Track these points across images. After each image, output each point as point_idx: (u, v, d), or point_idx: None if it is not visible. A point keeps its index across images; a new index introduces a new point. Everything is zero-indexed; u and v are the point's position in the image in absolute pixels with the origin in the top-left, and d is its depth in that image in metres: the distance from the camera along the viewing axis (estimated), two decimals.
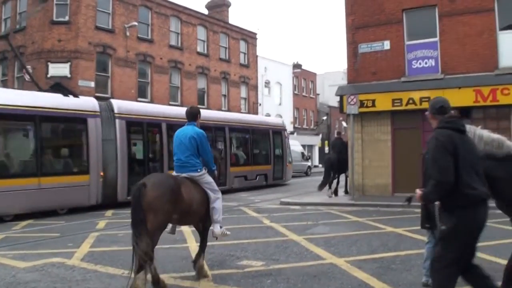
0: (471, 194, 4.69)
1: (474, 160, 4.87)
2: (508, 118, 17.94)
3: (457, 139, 4.81)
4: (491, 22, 18.53)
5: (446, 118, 5.01)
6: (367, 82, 20.55)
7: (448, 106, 5.17)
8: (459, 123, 4.95)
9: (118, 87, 30.02)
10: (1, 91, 19.76)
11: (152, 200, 6.51)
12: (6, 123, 16.76)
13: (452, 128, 4.88)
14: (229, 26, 42.30)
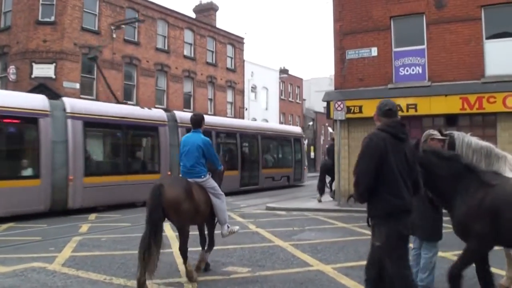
0: (395, 203, 4.67)
1: (406, 170, 4.82)
2: (494, 126, 18.01)
3: (391, 145, 4.75)
4: (478, 30, 18.63)
5: (389, 122, 4.95)
6: (354, 88, 20.55)
7: (395, 111, 5.13)
8: (400, 130, 4.91)
9: (104, 89, 29.66)
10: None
11: (172, 198, 7.28)
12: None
13: (391, 133, 4.81)
14: (217, 30, 42.22)
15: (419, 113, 19.06)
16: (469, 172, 5.55)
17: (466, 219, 5.38)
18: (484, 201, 5.32)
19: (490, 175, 5.61)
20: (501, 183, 5.48)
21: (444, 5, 19.14)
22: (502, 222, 5.22)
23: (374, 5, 20.47)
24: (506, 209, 5.23)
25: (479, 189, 5.41)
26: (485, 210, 5.29)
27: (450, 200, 5.53)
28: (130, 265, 8.82)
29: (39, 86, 26.03)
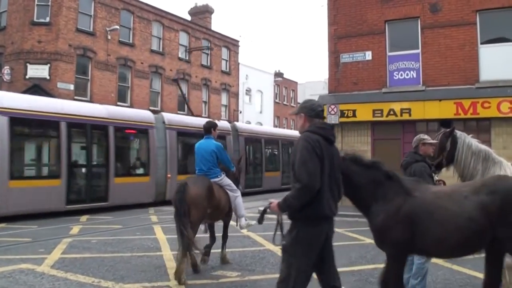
0: (319, 207, 4.60)
1: (336, 174, 4.82)
2: (488, 131, 18.02)
3: (324, 147, 4.67)
4: (472, 35, 18.65)
5: (321, 124, 4.87)
6: (348, 92, 20.54)
7: (323, 112, 5.03)
8: (330, 132, 4.86)
9: (98, 91, 29.70)
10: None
11: (195, 196, 8.09)
12: None
13: (323, 135, 4.73)
14: (212, 32, 42.16)
15: (413, 118, 19.06)
16: (389, 179, 5.48)
17: (384, 226, 5.32)
18: (403, 209, 5.27)
19: (410, 182, 5.58)
20: (421, 191, 5.45)
21: (439, 9, 19.15)
22: (419, 230, 5.20)
23: (369, 9, 20.47)
24: (424, 218, 5.21)
25: (398, 196, 5.36)
26: (403, 218, 5.24)
27: (369, 207, 5.45)
28: (119, 267, 8.76)
29: (33, 86, 25.94)
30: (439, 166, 7.16)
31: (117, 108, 24.35)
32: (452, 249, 5.34)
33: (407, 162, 6.69)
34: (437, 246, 5.28)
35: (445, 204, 5.24)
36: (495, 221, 5.00)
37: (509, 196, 5.05)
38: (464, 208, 5.13)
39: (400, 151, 19.23)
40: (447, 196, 5.35)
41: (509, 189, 5.14)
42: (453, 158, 6.99)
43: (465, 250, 5.41)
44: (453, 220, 5.12)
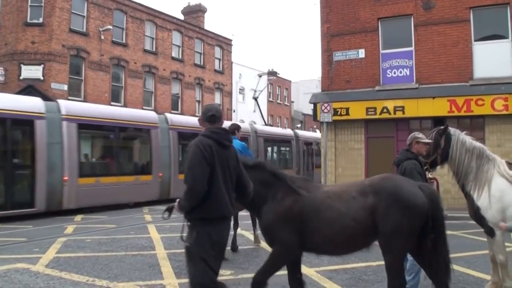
0: (215, 209, 4.66)
1: (231, 176, 4.84)
2: (482, 128, 18.06)
3: (217, 151, 4.72)
4: (466, 32, 18.66)
5: (214, 128, 4.89)
6: (341, 90, 20.56)
7: (219, 116, 5.01)
8: (224, 137, 4.86)
9: (92, 91, 29.64)
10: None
11: None
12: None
13: (216, 140, 4.78)
14: (205, 32, 42.12)
15: (406, 116, 19.09)
16: (277, 179, 5.56)
17: (273, 226, 5.38)
18: (292, 208, 5.34)
19: (299, 181, 5.63)
20: (311, 190, 5.53)
21: (432, 6, 19.17)
22: (307, 230, 5.28)
23: (361, 7, 20.49)
24: (312, 217, 5.29)
25: (287, 196, 5.43)
26: (292, 217, 5.32)
27: (259, 208, 5.51)
28: (113, 266, 8.75)
29: (27, 87, 25.89)
30: (434, 164, 7.17)
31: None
32: (339, 247, 5.49)
33: (399, 160, 6.72)
34: (326, 245, 5.40)
35: (333, 203, 5.35)
36: (378, 220, 5.15)
37: (392, 195, 5.19)
38: (351, 208, 5.25)
39: (394, 149, 19.24)
40: (337, 196, 5.45)
41: (393, 189, 5.28)
42: (448, 156, 6.99)
43: (351, 248, 5.57)
44: (339, 220, 5.25)
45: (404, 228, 5.14)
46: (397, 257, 5.28)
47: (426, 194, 5.35)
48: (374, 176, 5.69)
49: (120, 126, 20.92)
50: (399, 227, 5.12)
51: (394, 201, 5.17)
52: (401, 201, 5.18)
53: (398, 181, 5.56)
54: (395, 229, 5.13)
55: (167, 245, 10.94)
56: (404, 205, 5.17)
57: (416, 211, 5.19)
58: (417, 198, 5.25)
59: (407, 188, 5.36)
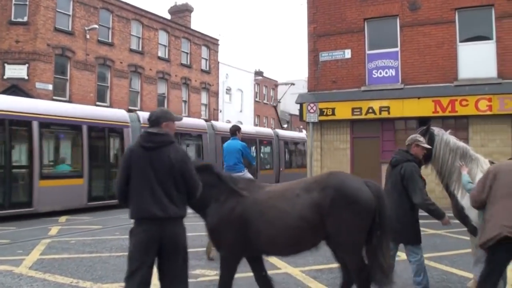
0: (138, 210, 4.76)
1: (157, 178, 4.80)
2: (466, 129, 18.21)
3: (138, 154, 4.79)
4: (451, 33, 18.81)
5: (144, 132, 4.95)
6: (327, 91, 20.61)
7: (154, 119, 5.04)
8: (146, 139, 4.88)
9: (77, 91, 29.45)
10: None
11: None
12: None
13: (139, 143, 4.85)
14: (191, 31, 42.02)
15: (392, 116, 19.18)
16: (221, 181, 5.59)
17: (218, 228, 5.43)
18: (235, 210, 5.37)
19: (242, 183, 5.67)
20: (254, 191, 5.56)
21: (418, 7, 19.28)
22: (251, 231, 5.30)
23: (348, 7, 20.55)
24: (256, 217, 5.31)
25: (230, 198, 5.46)
26: (235, 219, 5.34)
27: (204, 210, 5.57)
28: (98, 268, 8.71)
29: (11, 87, 25.66)
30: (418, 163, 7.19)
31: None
32: (285, 247, 5.45)
33: (397, 160, 6.62)
34: (271, 245, 5.38)
35: (276, 203, 5.34)
36: (325, 216, 5.12)
37: (339, 191, 5.18)
38: (295, 206, 5.23)
39: (379, 149, 19.43)
40: (280, 195, 5.45)
41: (339, 184, 5.27)
42: (431, 155, 7.01)
43: (299, 248, 5.52)
44: (283, 219, 5.23)
45: (352, 226, 5.14)
46: (354, 255, 5.25)
47: (372, 190, 5.34)
48: (318, 174, 5.70)
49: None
50: (347, 225, 5.12)
51: (340, 197, 5.14)
52: (347, 197, 5.16)
53: (344, 177, 5.56)
54: (343, 227, 5.13)
55: None
56: (350, 201, 5.15)
57: (363, 207, 5.17)
58: (363, 193, 5.24)
59: (353, 184, 5.35)
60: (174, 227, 4.83)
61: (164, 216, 4.74)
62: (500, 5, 18.12)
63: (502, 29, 18.15)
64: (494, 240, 5.08)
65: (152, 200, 4.72)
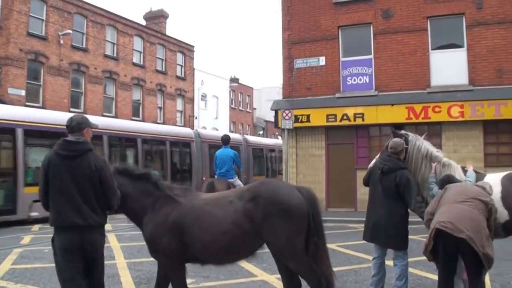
0: (55, 218, 4.79)
1: (81, 183, 4.83)
2: (439, 135, 18.44)
3: (55, 162, 4.81)
4: (424, 41, 19.08)
5: (62, 141, 4.96)
6: (302, 98, 20.70)
7: (72, 126, 5.07)
8: (63, 147, 4.91)
9: (50, 97, 29.13)
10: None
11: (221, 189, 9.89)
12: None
13: (55, 151, 4.86)
14: (166, 37, 41.90)
15: (366, 122, 19.34)
16: (157, 189, 5.62)
17: (154, 236, 5.44)
18: (170, 217, 5.40)
19: (178, 191, 5.70)
20: (189, 198, 5.61)
21: (391, 15, 19.50)
22: (187, 237, 5.33)
23: (322, 15, 20.69)
24: (191, 224, 5.34)
25: (165, 205, 5.49)
26: (171, 226, 5.37)
27: (141, 219, 5.58)
28: None
29: None
30: None
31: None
32: (220, 254, 5.44)
33: (390, 168, 6.65)
34: (206, 252, 5.38)
35: (211, 210, 5.38)
36: (259, 225, 5.14)
37: (269, 199, 5.19)
38: (228, 213, 5.27)
39: (354, 155, 19.57)
40: (214, 202, 5.51)
41: (269, 193, 5.29)
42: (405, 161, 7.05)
43: (234, 255, 5.56)
44: (217, 225, 5.26)
45: (289, 232, 5.14)
46: (298, 261, 5.23)
47: (304, 195, 5.35)
48: (252, 183, 5.73)
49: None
50: (283, 232, 5.12)
51: (272, 206, 5.14)
52: (278, 204, 5.17)
53: (275, 184, 5.61)
54: (280, 235, 5.13)
55: (127, 254, 10.83)
56: (283, 208, 5.16)
57: (296, 213, 5.18)
58: (295, 199, 5.25)
59: (284, 190, 5.38)
60: (93, 234, 4.87)
61: (84, 224, 4.76)
62: (471, 13, 18.45)
63: (473, 37, 18.47)
64: (431, 238, 5.30)
65: (71, 208, 4.73)
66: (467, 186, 6.01)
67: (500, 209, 6.21)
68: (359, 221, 16.28)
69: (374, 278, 6.76)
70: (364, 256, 10.12)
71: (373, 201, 6.84)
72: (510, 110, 17.00)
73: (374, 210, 6.78)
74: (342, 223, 16.68)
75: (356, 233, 14.01)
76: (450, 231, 5.10)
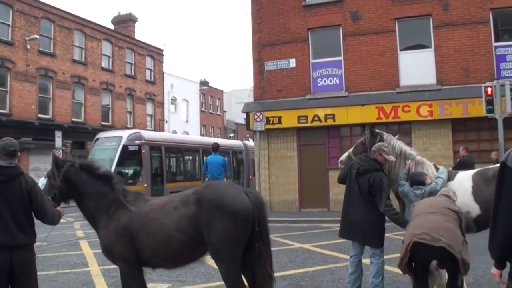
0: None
1: (6, 209, 4.81)
2: (409, 134, 18.65)
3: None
4: (392, 42, 19.28)
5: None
6: (273, 100, 20.73)
7: (17, 149, 5.07)
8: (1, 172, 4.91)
9: (17, 103, 28.74)
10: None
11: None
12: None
13: None
14: (135, 41, 41.66)
15: (337, 123, 19.46)
16: (113, 191, 5.59)
17: (108, 241, 5.45)
18: (121, 223, 5.41)
19: (131, 195, 5.70)
20: (139, 204, 5.58)
21: (360, 17, 19.67)
22: (137, 243, 5.33)
23: (292, 17, 20.76)
24: (139, 230, 5.34)
25: (118, 210, 5.49)
26: (122, 232, 5.37)
27: (96, 220, 5.60)
28: (45, 286, 8.42)
29: None
30: None
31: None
32: (169, 260, 5.44)
33: (366, 169, 6.68)
34: (154, 258, 5.37)
35: (156, 215, 5.36)
36: (203, 228, 5.12)
37: (214, 202, 5.18)
38: (172, 219, 5.26)
39: (326, 156, 19.68)
40: (160, 207, 5.46)
41: (214, 196, 5.28)
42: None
43: (182, 260, 5.52)
44: (162, 231, 5.24)
45: (230, 235, 5.10)
46: (230, 265, 5.21)
47: (251, 199, 5.32)
48: (198, 186, 5.68)
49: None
50: (224, 234, 5.08)
51: (216, 208, 5.12)
52: (223, 207, 5.14)
53: (221, 187, 5.61)
54: (221, 237, 5.08)
55: (101, 261, 10.67)
56: (227, 211, 5.13)
57: (240, 216, 5.15)
58: (241, 203, 5.22)
59: (230, 194, 5.34)
60: (23, 253, 4.85)
61: (13, 243, 4.75)
62: (438, 15, 18.72)
63: (440, 37, 18.74)
64: (407, 251, 5.31)
65: (1, 230, 4.73)
66: (435, 199, 6.06)
67: (471, 204, 6.37)
68: (333, 221, 16.38)
69: (351, 276, 6.82)
70: (340, 255, 10.18)
71: (349, 199, 6.89)
72: (477, 108, 17.21)
73: (351, 208, 6.82)
74: (316, 223, 16.75)
75: (330, 232, 14.08)
76: (428, 242, 5.13)
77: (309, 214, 18.67)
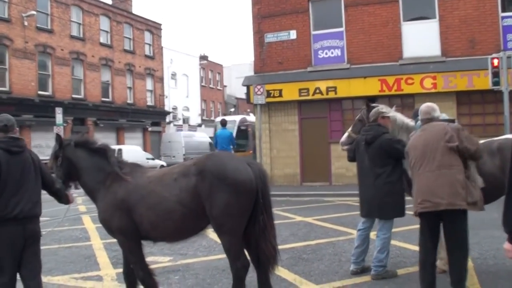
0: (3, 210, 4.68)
1: (32, 177, 4.85)
2: (412, 107, 18.31)
3: (5, 158, 4.74)
4: (395, 13, 18.95)
5: (2, 137, 4.87)
6: (273, 72, 20.52)
7: (10, 125, 4.99)
8: (12, 144, 4.83)
9: (17, 80, 28.62)
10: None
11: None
12: None
13: (3, 148, 4.78)
14: (133, 16, 41.34)
15: (339, 96, 19.27)
16: (109, 165, 5.52)
17: (106, 214, 5.38)
18: (118, 195, 5.33)
19: (128, 168, 5.60)
20: (137, 176, 5.49)
21: None
22: (135, 216, 5.24)
23: None
24: (137, 203, 5.25)
25: (114, 183, 5.41)
26: (119, 204, 5.30)
27: (94, 193, 5.56)
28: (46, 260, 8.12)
29: None
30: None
31: None
32: (169, 233, 5.36)
33: (373, 136, 6.55)
34: (154, 232, 5.29)
35: (155, 188, 5.26)
36: (205, 200, 5.01)
37: (216, 173, 5.05)
38: (172, 191, 5.15)
39: (328, 129, 19.53)
40: (158, 179, 5.37)
41: (216, 167, 5.14)
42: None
43: (183, 234, 5.43)
44: (162, 204, 5.15)
45: (233, 208, 4.99)
46: (233, 238, 5.09)
47: (254, 170, 5.20)
48: (199, 157, 5.57)
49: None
50: (227, 207, 4.96)
51: (218, 180, 4.99)
52: (225, 179, 5.01)
53: (223, 158, 5.44)
54: (224, 209, 4.97)
55: (103, 235, 10.58)
56: (229, 182, 5.00)
57: (243, 188, 5.03)
58: (243, 174, 5.10)
59: (232, 165, 5.20)
60: (35, 225, 4.90)
61: (31, 215, 4.80)
62: None
63: (445, 8, 18.41)
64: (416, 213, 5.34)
65: (18, 200, 4.71)
66: (429, 137, 5.46)
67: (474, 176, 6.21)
68: (335, 195, 16.35)
69: (357, 249, 6.71)
70: (342, 228, 10.14)
71: (362, 175, 6.78)
72: (482, 80, 16.99)
73: (364, 185, 6.72)
74: (318, 197, 16.67)
75: (332, 206, 14.03)
76: (430, 209, 5.12)
77: (311, 188, 18.60)
